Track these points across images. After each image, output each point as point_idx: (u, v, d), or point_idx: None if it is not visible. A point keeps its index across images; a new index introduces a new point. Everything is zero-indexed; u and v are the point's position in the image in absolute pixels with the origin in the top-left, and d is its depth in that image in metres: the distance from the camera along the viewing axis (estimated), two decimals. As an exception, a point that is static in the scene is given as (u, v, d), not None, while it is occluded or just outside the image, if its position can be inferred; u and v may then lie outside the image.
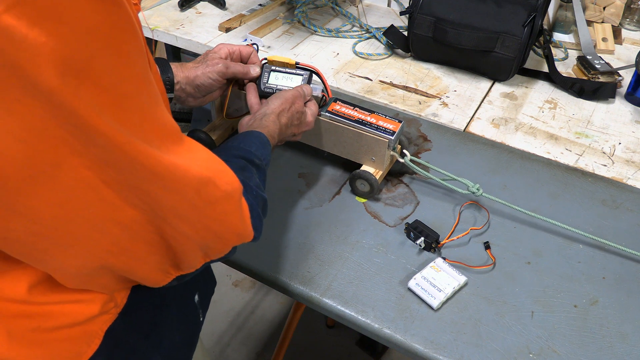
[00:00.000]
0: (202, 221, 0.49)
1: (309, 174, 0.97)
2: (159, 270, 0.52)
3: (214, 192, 0.49)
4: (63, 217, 0.42)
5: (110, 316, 0.55)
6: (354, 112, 0.90)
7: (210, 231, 0.51)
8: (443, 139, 1.05)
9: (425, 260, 0.82)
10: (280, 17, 1.42)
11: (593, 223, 0.89)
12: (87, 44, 0.37)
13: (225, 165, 0.52)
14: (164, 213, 0.47)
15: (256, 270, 0.81)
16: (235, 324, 1.78)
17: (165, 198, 0.46)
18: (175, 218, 0.47)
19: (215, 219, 0.50)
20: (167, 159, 0.44)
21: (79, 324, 0.53)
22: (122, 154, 0.41)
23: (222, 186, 0.50)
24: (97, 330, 0.54)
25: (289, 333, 1.48)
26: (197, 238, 0.50)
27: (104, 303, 0.54)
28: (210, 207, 0.49)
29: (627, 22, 1.44)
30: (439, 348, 0.71)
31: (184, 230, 0.49)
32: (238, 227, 0.54)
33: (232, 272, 1.92)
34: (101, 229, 0.45)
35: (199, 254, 0.53)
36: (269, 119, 0.77)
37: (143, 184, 0.44)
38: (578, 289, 0.79)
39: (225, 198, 0.51)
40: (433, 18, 1.19)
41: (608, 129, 1.10)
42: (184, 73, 0.84)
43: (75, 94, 0.37)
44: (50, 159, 0.39)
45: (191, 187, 0.47)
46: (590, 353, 0.71)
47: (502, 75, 1.21)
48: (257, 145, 0.70)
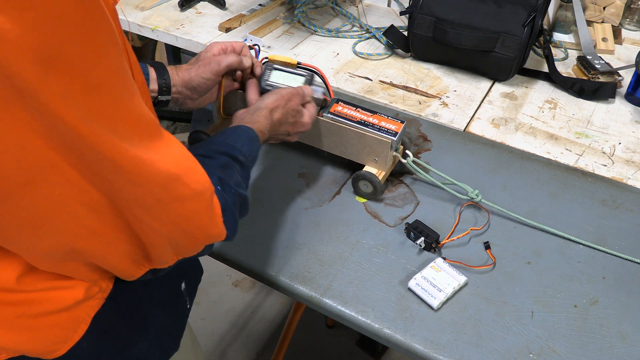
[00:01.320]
0: (168, 216, 0.49)
1: (309, 174, 0.97)
2: (130, 260, 0.52)
3: (182, 189, 0.49)
4: (30, 196, 0.42)
5: (97, 301, 0.56)
6: (356, 113, 0.90)
7: (178, 228, 0.51)
8: (443, 139, 1.05)
9: (425, 260, 0.82)
10: (280, 17, 1.43)
11: (593, 223, 0.89)
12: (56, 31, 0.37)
13: (197, 164, 0.52)
14: (129, 204, 0.47)
15: (256, 271, 0.81)
16: (235, 324, 1.78)
17: (129, 190, 0.46)
18: (139, 209, 0.47)
19: (183, 215, 0.50)
20: (132, 152, 0.44)
21: (65, 309, 0.53)
22: (84, 143, 0.41)
23: (191, 184, 0.50)
24: (84, 316, 0.55)
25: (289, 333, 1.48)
26: (164, 232, 0.50)
27: (87, 288, 0.54)
28: (177, 204, 0.49)
29: (627, 22, 1.44)
30: (439, 348, 0.71)
31: (151, 224, 0.49)
32: (207, 227, 0.53)
33: (232, 272, 1.92)
34: (68, 210, 0.45)
35: (168, 250, 0.53)
36: (261, 114, 0.77)
37: (105, 173, 0.44)
38: (578, 289, 0.79)
39: (194, 196, 0.50)
40: (433, 18, 1.19)
41: (608, 129, 1.10)
42: (179, 76, 0.84)
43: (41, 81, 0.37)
44: (15, 139, 0.39)
45: (156, 183, 0.47)
46: (590, 353, 0.71)
47: (502, 75, 1.21)
48: (243, 140, 0.69)
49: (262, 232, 0.86)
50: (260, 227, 0.87)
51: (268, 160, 1.00)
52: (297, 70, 0.90)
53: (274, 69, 0.90)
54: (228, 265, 0.84)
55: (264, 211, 0.90)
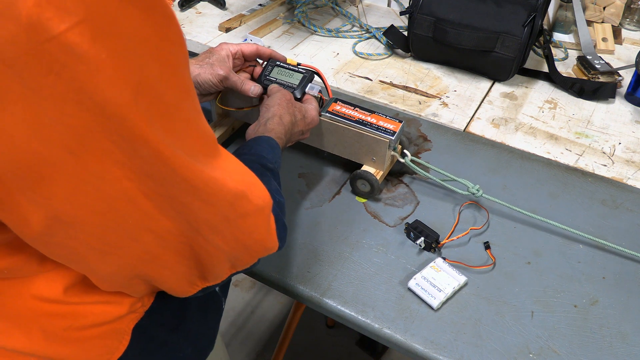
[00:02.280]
0: (233, 234, 0.50)
1: (309, 174, 0.97)
2: (186, 280, 0.53)
3: (247, 205, 0.50)
4: (102, 225, 0.44)
5: (137, 315, 0.57)
6: (354, 112, 0.90)
7: (240, 244, 0.52)
8: (443, 139, 1.05)
9: (425, 260, 0.82)
10: (280, 17, 1.43)
11: (593, 223, 0.89)
12: (140, 56, 0.38)
13: (258, 179, 0.53)
14: (198, 225, 0.48)
15: (256, 270, 0.81)
16: (235, 324, 1.78)
17: (200, 210, 0.47)
18: (208, 230, 0.48)
19: (246, 231, 0.51)
20: (206, 173, 0.45)
21: (107, 322, 0.54)
22: (165, 166, 0.42)
23: (254, 200, 0.51)
24: (125, 328, 0.56)
25: (289, 333, 1.48)
26: (227, 250, 0.51)
27: (132, 304, 0.55)
28: (241, 221, 0.50)
29: (627, 22, 1.44)
30: (439, 348, 0.71)
31: (215, 242, 0.50)
32: (266, 240, 0.55)
33: (232, 272, 1.92)
34: (136, 237, 0.46)
35: (226, 265, 0.54)
36: (273, 122, 0.78)
37: (181, 196, 0.45)
38: (578, 289, 0.79)
39: (257, 212, 0.52)
40: (433, 18, 1.19)
41: (608, 129, 1.10)
42: None
43: (132, 106, 0.38)
44: (95, 170, 0.40)
45: (226, 201, 0.48)
46: (590, 353, 0.71)
47: (502, 75, 1.21)
48: (267, 149, 0.71)
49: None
50: (260, 227, 0.87)
51: (268, 160, 1.00)
52: (297, 68, 0.91)
53: (275, 66, 0.91)
54: (228, 265, 0.84)
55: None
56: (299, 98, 0.88)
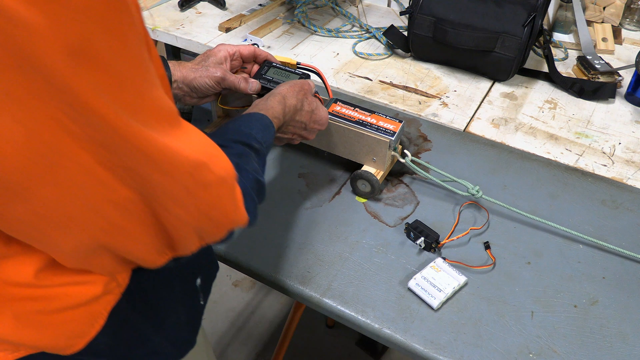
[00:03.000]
0: (196, 205, 0.49)
1: (309, 174, 0.97)
2: (154, 250, 0.52)
3: (208, 176, 0.49)
4: (60, 198, 0.43)
5: (114, 296, 0.56)
6: (354, 113, 0.90)
7: (205, 215, 0.51)
8: (443, 139, 1.05)
9: (425, 260, 0.82)
10: (280, 17, 1.43)
11: (593, 223, 0.89)
12: (83, 23, 0.37)
13: (220, 150, 0.52)
14: (158, 196, 0.47)
15: (256, 270, 0.81)
16: (235, 324, 1.78)
17: (159, 181, 0.46)
18: (169, 201, 0.48)
19: (209, 203, 0.50)
20: (161, 142, 0.44)
21: (83, 304, 0.53)
22: (117, 136, 0.41)
23: (216, 170, 0.50)
24: (102, 311, 0.55)
25: (289, 333, 1.48)
26: (191, 222, 0.50)
27: (105, 283, 0.54)
28: (204, 191, 0.49)
29: (627, 22, 1.44)
30: (439, 348, 0.71)
31: (178, 214, 0.49)
32: (231, 212, 0.54)
33: (232, 272, 1.92)
34: (97, 209, 0.45)
35: (194, 237, 0.53)
36: (275, 99, 0.77)
37: (137, 166, 0.44)
38: (578, 289, 0.79)
39: (219, 182, 0.51)
40: (433, 18, 1.19)
41: (608, 129, 1.10)
42: (181, 72, 0.84)
43: (74, 73, 0.37)
44: (48, 141, 0.39)
45: (185, 171, 0.47)
46: (590, 353, 0.71)
47: (502, 75, 1.21)
48: (257, 128, 0.69)
49: (262, 232, 0.86)
50: (260, 227, 0.87)
51: (268, 160, 0.99)
52: (293, 70, 0.91)
53: (271, 66, 0.91)
54: (228, 265, 0.84)
55: (264, 211, 0.90)
56: None
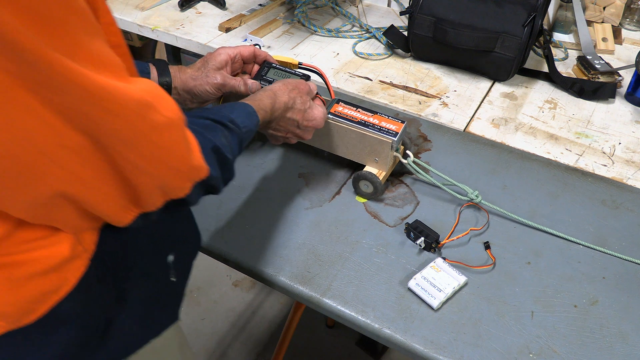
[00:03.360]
0: (149, 149, 0.48)
1: (309, 174, 0.97)
2: (117, 204, 0.51)
3: (156, 116, 0.48)
4: (7, 143, 0.42)
5: (83, 262, 0.55)
6: (356, 114, 0.90)
7: (159, 160, 0.50)
8: (443, 139, 1.05)
9: (425, 260, 0.82)
10: (280, 17, 1.43)
11: (593, 223, 0.89)
12: None
13: (167, 95, 0.51)
14: (109, 139, 0.46)
15: (256, 271, 0.81)
16: (235, 324, 1.78)
17: (106, 120, 0.45)
18: (121, 144, 0.47)
19: (163, 147, 0.49)
20: (102, 80, 0.43)
21: (52, 270, 0.52)
22: (54, 72, 0.40)
23: (164, 112, 0.49)
24: (70, 277, 0.54)
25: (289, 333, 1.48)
26: (148, 168, 0.49)
27: (72, 246, 0.53)
28: (155, 133, 0.48)
29: (627, 22, 1.44)
30: (439, 348, 0.71)
31: (133, 160, 0.48)
32: (187, 157, 0.53)
33: (232, 272, 1.92)
34: (48, 153, 0.44)
35: (155, 189, 0.52)
36: (265, 94, 0.77)
37: (82, 105, 0.43)
38: (578, 289, 0.79)
39: (170, 124, 0.49)
40: (433, 18, 1.19)
41: (608, 129, 1.10)
42: (181, 79, 0.84)
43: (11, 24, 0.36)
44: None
45: (132, 110, 0.46)
46: (590, 353, 0.71)
47: (502, 75, 1.21)
48: (238, 112, 0.69)
49: (262, 232, 0.86)
50: (260, 227, 0.87)
51: (268, 160, 1.00)
52: (293, 70, 0.91)
53: (272, 67, 0.91)
54: (228, 265, 0.84)
55: (264, 211, 0.90)
56: None
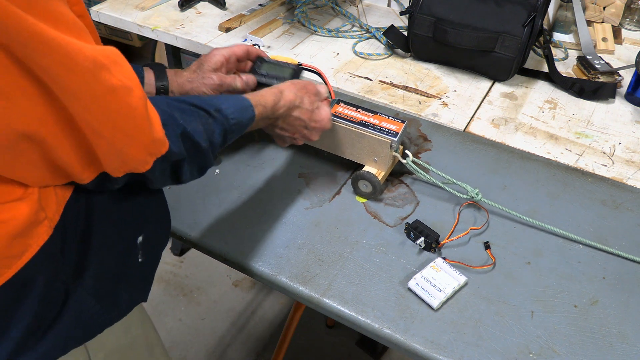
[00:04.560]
0: (103, 111, 0.48)
1: (309, 174, 0.97)
2: (78, 159, 0.51)
3: (111, 79, 0.48)
4: None
5: (45, 229, 0.55)
6: (356, 114, 0.90)
7: (115, 126, 0.50)
8: (443, 139, 1.05)
9: (425, 260, 0.82)
10: (280, 17, 1.43)
11: (593, 223, 0.89)
12: None
13: (126, 62, 0.51)
14: (65, 95, 0.46)
15: (256, 271, 0.81)
16: (235, 324, 1.78)
17: (61, 76, 0.45)
18: (76, 102, 0.47)
19: (117, 111, 0.49)
20: (57, 33, 0.43)
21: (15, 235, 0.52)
22: (10, 21, 0.40)
23: (118, 76, 0.49)
24: (32, 244, 0.54)
25: (289, 333, 1.48)
26: (103, 132, 0.49)
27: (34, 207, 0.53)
28: (109, 96, 0.48)
29: (627, 22, 1.44)
30: (439, 348, 0.71)
31: (87, 119, 0.48)
32: (146, 128, 0.52)
33: (232, 272, 1.92)
34: (9, 96, 0.45)
35: (114, 156, 0.52)
36: (270, 91, 0.77)
37: (37, 56, 0.43)
38: (578, 289, 0.79)
39: (125, 90, 0.49)
40: (433, 18, 1.19)
41: (608, 129, 1.10)
42: (177, 82, 0.84)
43: None
44: None
45: (85, 67, 0.46)
46: (590, 353, 0.71)
47: (502, 75, 1.21)
48: (230, 103, 0.68)
49: (262, 232, 0.86)
50: (260, 227, 0.87)
51: (268, 161, 1.00)
52: (286, 62, 0.91)
53: (264, 61, 0.91)
54: (228, 265, 0.84)
55: (264, 211, 0.90)
56: None
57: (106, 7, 1.43)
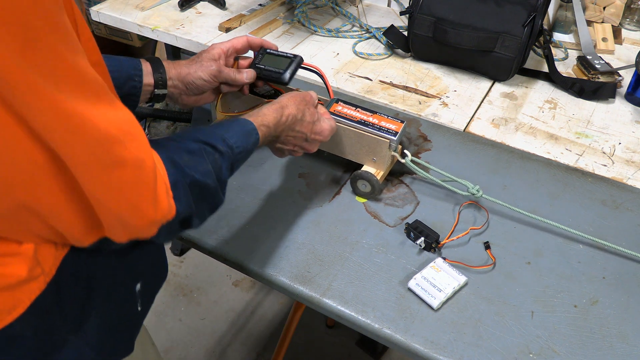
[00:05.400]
0: (110, 183, 0.48)
1: (309, 174, 0.97)
2: (80, 225, 0.51)
3: (122, 152, 0.47)
4: None
5: (38, 285, 0.54)
6: (355, 113, 0.90)
7: (120, 198, 0.49)
8: (443, 139, 1.05)
9: (425, 260, 0.82)
10: (280, 17, 1.43)
11: (593, 223, 0.89)
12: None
13: (141, 132, 0.50)
14: (73, 163, 0.46)
15: (256, 271, 0.81)
16: (235, 324, 1.78)
17: (72, 146, 0.45)
18: (84, 172, 0.46)
19: (124, 183, 0.49)
20: (71, 105, 0.43)
21: (6, 288, 0.51)
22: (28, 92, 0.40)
23: (132, 149, 0.48)
24: (24, 299, 0.53)
25: (289, 333, 1.48)
26: (108, 203, 0.49)
27: (30, 267, 0.52)
28: (118, 169, 0.48)
29: (627, 22, 1.44)
30: (439, 348, 0.71)
31: (93, 190, 0.48)
32: (152, 199, 0.51)
33: (232, 272, 1.92)
34: (12, 162, 0.44)
35: (117, 226, 0.51)
36: (270, 107, 0.76)
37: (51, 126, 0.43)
38: (578, 289, 0.79)
39: (135, 163, 0.49)
40: (433, 18, 1.19)
41: (608, 129, 1.10)
42: (175, 70, 0.84)
43: None
44: None
45: (98, 141, 0.46)
46: (590, 353, 0.71)
47: (502, 75, 1.21)
48: (234, 131, 0.68)
49: (262, 232, 0.86)
50: (260, 227, 0.87)
51: (268, 161, 1.00)
52: (285, 54, 0.90)
53: (266, 54, 0.91)
54: (228, 265, 0.84)
55: (264, 211, 0.90)
56: (287, 81, 0.88)
57: (106, 7, 1.43)
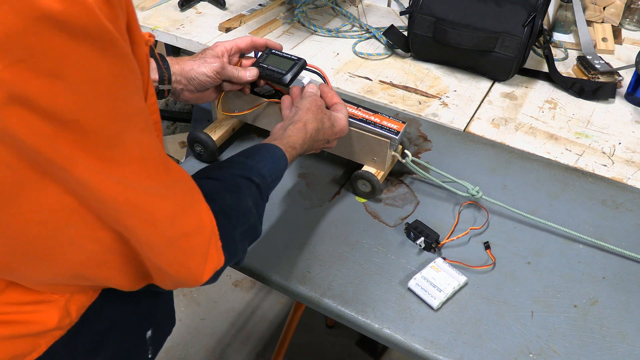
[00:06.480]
0: (174, 254, 0.50)
1: (309, 174, 0.97)
2: (132, 279, 0.52)
3: (187, 225, 0.50)
4: (42, 235, 0.43)
5: (62, 332, 0.55)
6: (357, 112, 0.90)
7: (181, 265, 0.51)
8: (443, 139, 1.05)
9: (425, 260, 0.82)
10: (280, 17, 1.43)
11: (593, 223, 0.89)
12: (83, 95, 0.37)
13: (201, 197, 0.53)
14: (139, 245, 0.47)
15: (256, 270, 0.81)
16: (235, 324, 1.78)
17: (140, 228, 0.46)
18: (148, 249, 0.48)
19: (187, 251, 0.51)
20: (142, 196, 0.45)
21: (32, 335, 0.52)
22: (97, 193, 0.42)
23: (195, 218, 0.51)
24: (43, 344, 0.54)
25: (289, 333, 1.48)
26: (169, 271, 0.51)
27: (61, 313, 0.53)
28: (183, 240, 0.50)
29: (627, 22, 1.44)
30: (439, 348, 0.71)
31: (157, 263, 0.49)
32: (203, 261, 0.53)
33: (232, 272, 1.92)
34: (78, 244, 0.46)
35: (170, 282, 0.53)
36: (295, 127, 0.77)
37: (118, 216, 0.44)
38: (578, 289, 0.79)
39: (198, 230, 0.52)
40: (433, 18, 1.19)
41: (608, 129, 1.10)
42: (179, 65, 0.85)
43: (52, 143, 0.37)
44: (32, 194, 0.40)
45: (165, 221, 0.48)
46: (590, 353, 0.71)
47: (502, 75, 1.21)
48: (265, 160, 0.69)
49: (262, 232, 0.86)
50: (260, 227, 0.87)
51: (268, 160, 1.00)
52: (289, 55, 0.91)
53: (270, 54, 0.91)
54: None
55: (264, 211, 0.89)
56: (288, 83, 0.88)
57: (106, 7, 1.43)
